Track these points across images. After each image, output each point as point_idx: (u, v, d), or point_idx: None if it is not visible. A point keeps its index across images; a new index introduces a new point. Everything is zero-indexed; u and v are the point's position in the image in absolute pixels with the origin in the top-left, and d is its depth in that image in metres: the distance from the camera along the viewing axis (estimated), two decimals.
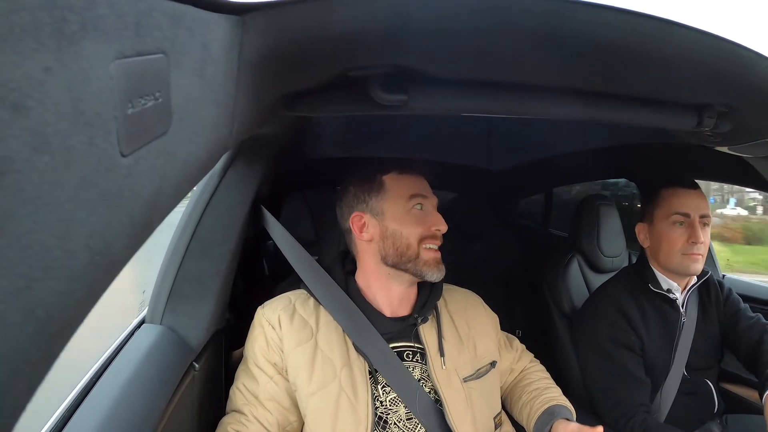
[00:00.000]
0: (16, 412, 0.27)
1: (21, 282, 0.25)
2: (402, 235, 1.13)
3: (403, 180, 1.17)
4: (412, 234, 1.13)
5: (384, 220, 1.15)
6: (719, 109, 0.98)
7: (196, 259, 1.18)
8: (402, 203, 1.14)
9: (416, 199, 1.15)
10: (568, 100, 0.90)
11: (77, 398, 0.85)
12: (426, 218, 1.15)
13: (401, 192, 1.15)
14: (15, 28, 0.22)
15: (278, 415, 1.09)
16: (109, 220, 0.32)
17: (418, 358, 1.14)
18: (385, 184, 1.16)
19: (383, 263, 1.16)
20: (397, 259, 1.14)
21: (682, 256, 1.51)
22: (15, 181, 0.24)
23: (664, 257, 1.54)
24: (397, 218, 1.14)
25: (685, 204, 1.51)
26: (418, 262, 1.13)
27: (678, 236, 1.51)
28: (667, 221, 1.53)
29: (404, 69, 0.76)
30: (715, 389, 1.62)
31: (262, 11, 0.50)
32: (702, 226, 1.51)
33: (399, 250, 1.13)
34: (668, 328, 1.58)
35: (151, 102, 0.35)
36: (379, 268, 1.17)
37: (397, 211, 1.14)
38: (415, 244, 1.13)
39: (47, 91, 0.25)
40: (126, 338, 1.09)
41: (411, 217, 1.14)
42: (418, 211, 1.15)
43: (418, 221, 1.14)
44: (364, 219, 1.17)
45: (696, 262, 1.50)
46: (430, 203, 1.18)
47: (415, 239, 1.13)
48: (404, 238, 1.13)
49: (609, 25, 0.59)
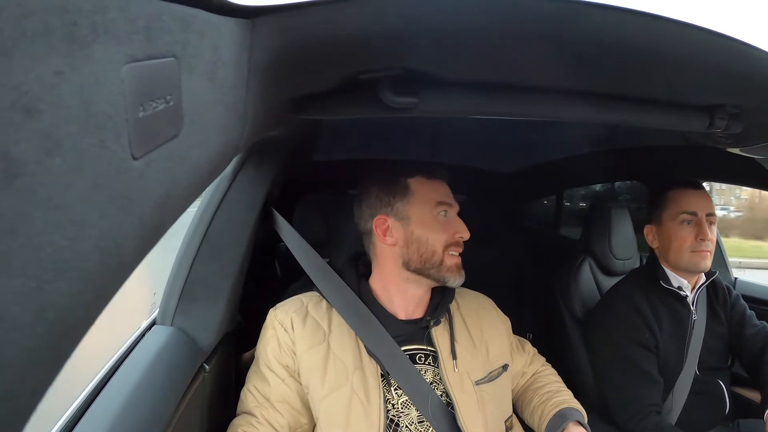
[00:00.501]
0: (27, 413, 0.27)
1: (32, 283, 0.25)
2: (428, 241, 1.13)
3: (430, 185, 1.16)
4: (438, 240, 1.13)
5: (409, 224, 1.14)
6: (730, 111, 0.97)
7: (207, 261, 1.19)
8: (429, 209, 1.14)
9: (443, 206, 1.14)
10: (579, 102, 0.90)
11: (88, 399, 0.86)
12: (450, 225, 1.14)
13: (428, 197, 1.15)
14: (27, 33, 0.23)
15: (289, 417, 1.09)
16: (120, 222, 0.33)
17: (430, 361, 1.14)
18: (411, 188, 1.15)
19: (404, 268, 1.15)
20: (421, 264, 1.13)
21: (691, 254, 1.53)
22: (27, 184, 0.24)
23: (674, 256, 1.56)
24: (424, 224, 1.13)
25: (692, 203, 1.55)
26: (442, 269, 1.13)
27: (686, 234, 1.54)
28: (676, 221, 1.56)
29: (414, 71, 0.76)
30: (726, 391, 1.62)
31: (272, 14, 0.50)
32: (708, 224, 1.54)
33: (423, 256, 1.13)
34: (680, 326, 1.59)
35: (162, 105, 0.36)
36: (399, 272, 1.16)
37: (424, 216, 1.14)
38: (440, 251, 1.13)
39: (59, 95, 0.25)
40: (137, 339, 1.09)
41: (437, 223, 1.14)
42: (443, 217, 1.15)
43: (444, 228, 1.13)
44: (388, 222, 1.16)
45: (705, 258, 1.53)
46: (454, 210, 1.17)
47: (440, 246, 1.13)
48: (430, 244, 1.13)
49: (620, 27, 0.58)
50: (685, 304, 1.60)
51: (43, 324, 0.26)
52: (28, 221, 0.24)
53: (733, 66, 0.72)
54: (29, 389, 0.27)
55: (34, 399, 0.27)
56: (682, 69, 0.76)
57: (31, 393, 0.27)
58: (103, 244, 0.31)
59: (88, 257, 0.29)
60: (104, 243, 0.31)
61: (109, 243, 0.31)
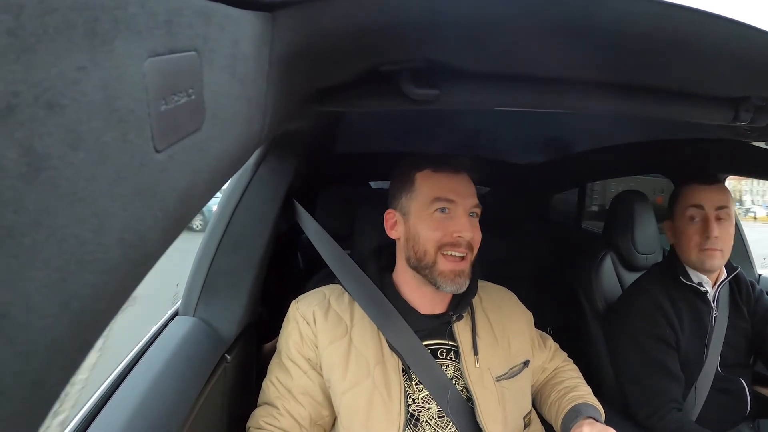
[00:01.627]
0: (52, 400, 0.28)
1: (57, 275, 0.26)
2: (420, 239, 1.09)
3: (435, 179, 1.11)
4: (430, 239, 1.08)
5: (409, 220, 1.12)
6: (756, 103, 0.95)
7: (229, 253, 1.20)
8: (426, 205, 1.10)
9: (439, 203, 1.09)
10: (602, 94, 0.88)
11: (110, 387, 0.88)
12: (449, 223, 1.08)
13: (428, 192, 1.10)
14: (48, 29, 0.23)
15: (311, 409, 1.09)
16: (143, 214, 0.33)
17: (451, 356, 1.13)
18: (416, 183, 1.12)
19: (407, 264, 1.13)
20: (417, 263, 1.11)
21: (699, 252, 1.49)
22: (51, 177, 0.24)
23: (683, 253, 1.54)
24: (418, 221, 1.10)
25: (698, 196, 1.50)
26: (434, 271, 1.08)
27: (693, 231, 1.50)
28: (684, 216, 1.52)
29: (436, 63, 0.76)
30: (748, 389, 1.60)
31: (293, 7, 0.50)
32: (718, 219, 1.48)
33: (417, 255, 1.10)
34: (701, 322, 1.56)
35: (183, 99, 0.36)
36: (406, 268, 1.15)
37: (420, 213, 1.10)
38: (432, 251, 1.08)
39: (81, 90, 0.25)
40: (159, 329, 1.11)
41: (431, 221, 1.09)
42: (441, 214, 1.09)
43: (438, 226, 1.08)
44: (395, 217, 1.15)
45: (712, 258, 1.48)
46: (461, 206, 1.10)
47: (432, 245, 1.08)
48: (421, 243, 1.09)
49: (644, 17, 0.57)
50: (706, 300, 1.56)
51: (67, 314, 0.27)
52: (52, 214, 0.25)
53: (759, 57, 0.70)
54: (55, 377, 0.27)
55: (59, 387, 0.28)
56: (706, 60, 0.74)
57: (56, 381, 0.28)
58: (126, 237, 0.31)
59: (111, 249, 0.30)
60: (127, 235, 0.31)
61: (132, 235, 0.32)
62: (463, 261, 1.09)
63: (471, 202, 1.11)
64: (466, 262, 1.09)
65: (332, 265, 1.20)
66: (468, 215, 1.11)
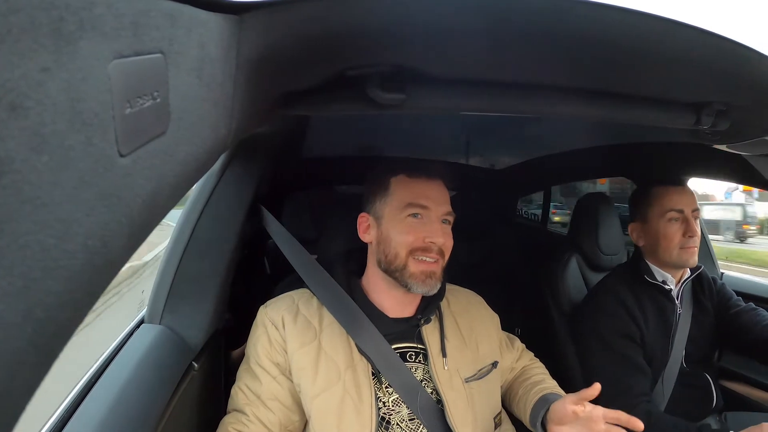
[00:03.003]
0: (16, 413, 0.27)
1: (20, 282, 0.25)
2: (391, 243, 1.10)
3: (410, 185, 1.12)
4: (401, 243, 1.09)
5: (381, 224, 1.13)
6: (718, 108, 0.98)
7: (195, 259, 1.18)
8: (399, 210, 1.11)
9: (412, 209, 1.10)
10: (567, 99, 0.90)
11: (77, 398, 0.85)
12: (421, 228, 1.09)
13: (402, 197, 1.11)
14: (13, 29, 0.22)
15: (281, 414, 1.08)
16: (107, 220, 0.32)
17: (420, 359, 1.13)
18: (390, 188, 1.13)
19: (379, 267, 1.14)
20: (387, 266, 1.11)
21: (680, 250, 1.56)
22: (14, 182, 0.24)
23: (664, 253, 1.59)
24: (391, 225, 1.11)
25: (678, 201, 1.57)
26: (405, 273, 1.09)
27: (674, 231, 1.56)
28: (663, 218, 1.58)
29: (403, 68, 0.76)
30: (714, 384, 1.65)
31: (260, 10, 0.50)
32: (694, 219, 1.57)
33: (388, 258, 1.11)
34: (665, 318, 1.62)
35: (149, 102, 0.35)
36: (376, 270, 1.15)
37: (393, 217, 1.11)
38: (403, 255, 1.09)
39: (45, 92, 0.25)
40: (125, 338, 1.09)
41: (403, 225, 1.10)
42: (414, 220, 1.10)
43: (410, 230, 1.09)
44: (369, 221, 1.16)
45: (693, 254, 1.56)
46: (434, 213, 1.11)
47: (404, 249, 1.09)
48: (392, 246, 1.10)
49: (608, 24, 0.59)
50: (670, 297, 1.62)
51: (31, 323, 0.26)
52: (14, 220, 0.24)
53: (721, 63, 0.73)
54: (19, 389, 0.27)
55: (24, 398, 0.27)
56: (670, 66, 0.76)
57: (20, 392, 0.27)
58: (90, 243, 0.31)
59: (75, 255, 0.29)
60: (91, 241, 0.31)
61: (96, 241, 0.31)
62: (435, 264, 1.10)
63: (444, 209, 1.12)
64: (438, 265, 1.10)
65: (300, 270, 1.20)
66: (440, 222, 1.12)
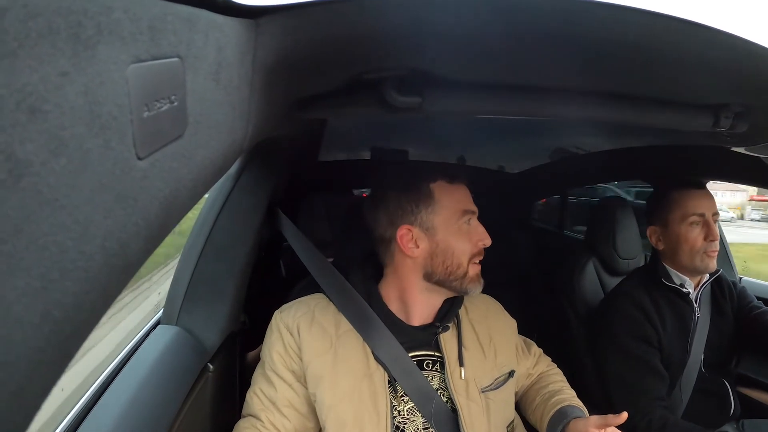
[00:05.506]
0: (32, 411, 0.27)
1: (38, 283, 0.25)
2: (455, 253, 1.09)
3: (453, 191, 1.11)
4: (464, 252, 1.09)
5: (435, 235, 1.09)
6: (736, 110, 0.96)
7: (211, 262, 1.19)
8: (456, 218, 1.09)
9: (468, 215, 1.11)
10: (584, 102, 0.89)
11: (92, 397, 0.86)
12: (474, 234, 1.11)
13: (453, 205, 1.10)
14: (32, 34, 0.23)
15: (296, 422, 1.08)
16: (125, 222, 0.33)
17: (437, 367, 1.12)
18: (435, 195, 1.09)
19: (425, 279, 1.11)
20: (445, 277, 1.09)
21: (702, 255, 1.54)
22: (33, 184, 0.24)
23: (685, 257, 1.56)
24: (450, 234, 1.09)
25: (699, 205, 1.55)
26: (465, 280, 1.10)
27: (696, 236, 1.54)
28: (684, 223, 1.55)
29: (419, 71, 0.76)
30: (731, 390, 1.64)
31: (276, 14, 0.50)
32: (714, 223, 1.55)
33: (449, 269, 1.09)
34: (683, 322, 1.60)
35: (166, 105, 0.36)
36: (419, 282, 1.12)
37: (449, 226, 1.09)
38: (465, 263, 1.09)
39: (64, 95, 0.25)
40: (141, 339, 1.10)
41: (463, 234, 1.10)
42: (468, 226, 1.11)
43: (468, 237, 1.10)
44: (413, 233, 1.10)
45: (713, 259, 1.55)
46: (476, 216, 1.13)
47: (466, 258, 1.09)
48: (456, 257, 1.09)
49: (625, 26, 0.58)
50: (688, 301, 1.60)
51: (48, 323, 0.26)
52: (33, 221, 0.24)
53: (739, 65, 0.72)
54: (35, 388, 0.27)
55: (40, 397, 0.28)
56: (687, 68, 0.75)
57: (37, 391, 0.27)
58: (108, 245, 0.31)
59: (93, 257, 0.29)
60: (109, 243, 0.31)
61: (113, 243, 0.31)
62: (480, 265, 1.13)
63: (476, 210, 1.14)
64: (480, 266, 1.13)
65: (315, 274, 1.19)
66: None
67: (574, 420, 1.11)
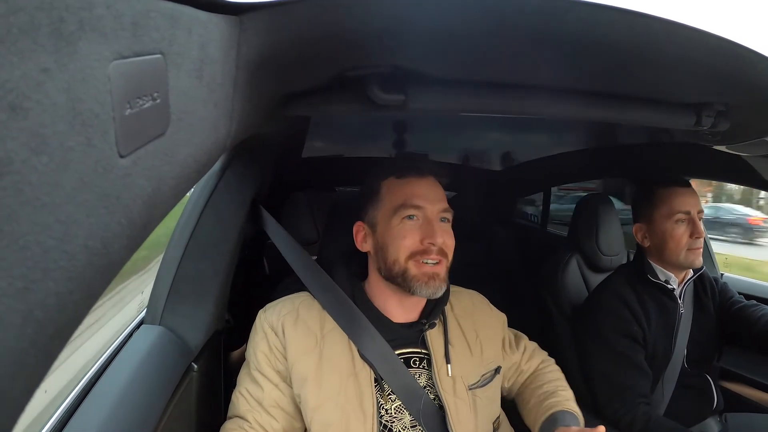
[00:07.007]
0: (16, 413, 0.27)
1: (20, 283, 0.25)
2: (389, 249, 1.06)
3: (400, 186, 1.08)
4: (399, 249, 1.05)
5: (376, 232, 1.09)
6: (718, 108, 0.98)
7: (195, 260, 1.18)
8: (391, 214, 1.06)
9: (405, 210, 1.05)
10: (566, 100, 0.90)
11: (77, 399, 0.85)
12: (418, 231, 1.05)
13: (393, 200, 1.07)
14: (13, 29, 0.22)
15: (283, 422, 1.06)
16: (107, 221, 0.32)
17: (424, 365, 1.11)
18: (381, 192, 1.09)
19: (380, 274, 1.10)
20: (388, 273, 1.07)
21: (687, 252, 1.56)
22: (14, 183, 0.24)
23: (671, 254, 1.58)
24: (386, 231, 1.07)
25: (685, 203, 1.57)
26: (407, 277, 1.04)
27: (682, 233, 1.56)
28: (670, 220, 1.57)
29: (402, 69, 0.76)
30: (714, 385, 1.66)
31: (260, 11, 0.50)
32: (699, 220, 1.57)
33: (388, 265, 1.07)
34: (667, 318, 1.62)
35: (149, 103, 0.35)
36: (378, 278, 1.12)
37: (387, 223, 1.07)
38: (402, 260, 1.05)
39: (45, 92, 0.25)
40: (125, 339, 1.09)
41: (399, 230, 1.05)
42: (409, 222, 1.05)
43: (406, 234, 1.05)
44: (364, 230, 1.12)
45: (699, 255, 1.57)
46: (430, 212, 1.06)
47: (402, 255, 1.05)
48: (391, 253, 1.06)
49: (607, 25, 0.59)
50: (673, 297, 1.62)
51: (31, 324, 0.26)
52: (14, 221, 0.24)
53: (721, 65, 0.73)
54: (18, 389, 0.27)
55: (24, 399, 0.27)
56: (670, 67, 0.76)
57: (20, 393, 0.27)
58: (90, 244, 0.30)
59: (75, 257, 0.29)
60: (92, 242, 0.31)
61: (96, 242, 0.31)
62: (438, 265, 1.05)
63: (440, 207, 1.08)
64: (441, 266, 1.06)
65: (299, 272, 1.18)
66: (438, 220, 1.07)
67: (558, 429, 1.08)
